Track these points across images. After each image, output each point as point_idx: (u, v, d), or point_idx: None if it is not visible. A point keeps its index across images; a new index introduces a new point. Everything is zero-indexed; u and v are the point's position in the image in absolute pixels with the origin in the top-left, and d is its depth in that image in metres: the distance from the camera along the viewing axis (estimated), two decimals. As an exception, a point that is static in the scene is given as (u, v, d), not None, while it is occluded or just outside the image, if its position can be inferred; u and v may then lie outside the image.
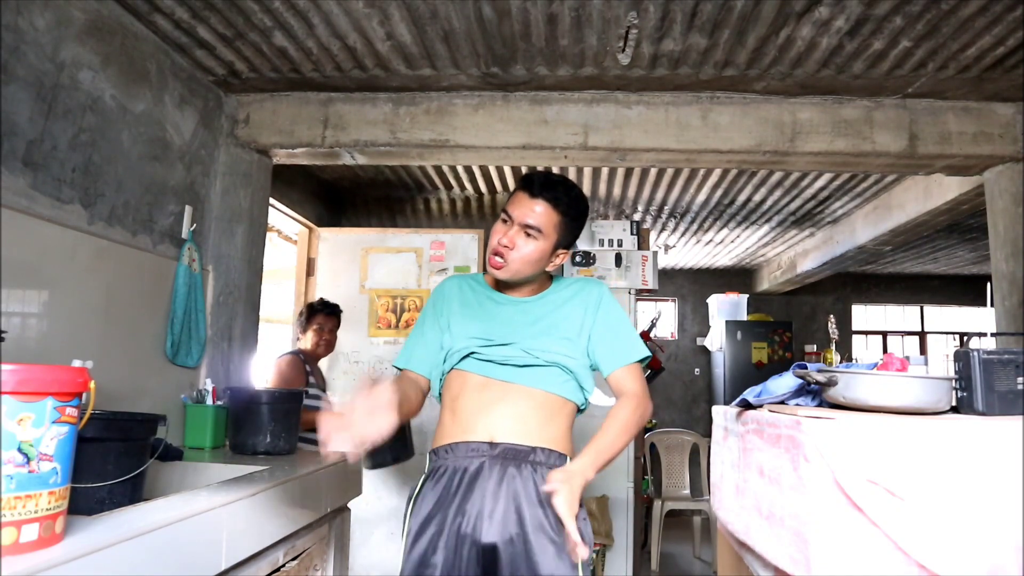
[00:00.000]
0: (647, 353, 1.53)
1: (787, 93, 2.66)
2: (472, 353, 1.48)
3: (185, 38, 2.30)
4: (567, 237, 1.50)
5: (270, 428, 2.11)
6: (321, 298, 3.30)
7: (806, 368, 1.55)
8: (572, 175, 3.98)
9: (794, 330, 6.78)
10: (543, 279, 1.58)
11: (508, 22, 2.17)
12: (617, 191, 4.29)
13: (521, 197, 1.45)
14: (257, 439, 2.09)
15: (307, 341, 3.16)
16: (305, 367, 3.06)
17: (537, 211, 1.44)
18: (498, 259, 1.46)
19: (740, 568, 1.79)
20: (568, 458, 1.45)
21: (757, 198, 4.43)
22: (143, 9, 2.11)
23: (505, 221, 1.47)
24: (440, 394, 1.55)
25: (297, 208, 3.73)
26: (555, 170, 3.88)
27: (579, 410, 1.54)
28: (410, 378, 1.56)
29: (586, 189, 4.24)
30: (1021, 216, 2.65)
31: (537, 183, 1.45)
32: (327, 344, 3.20)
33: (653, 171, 3.88)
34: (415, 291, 3.80)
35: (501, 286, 1.58)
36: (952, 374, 1.46)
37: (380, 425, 1.19)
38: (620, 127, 2.72)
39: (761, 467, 1.53)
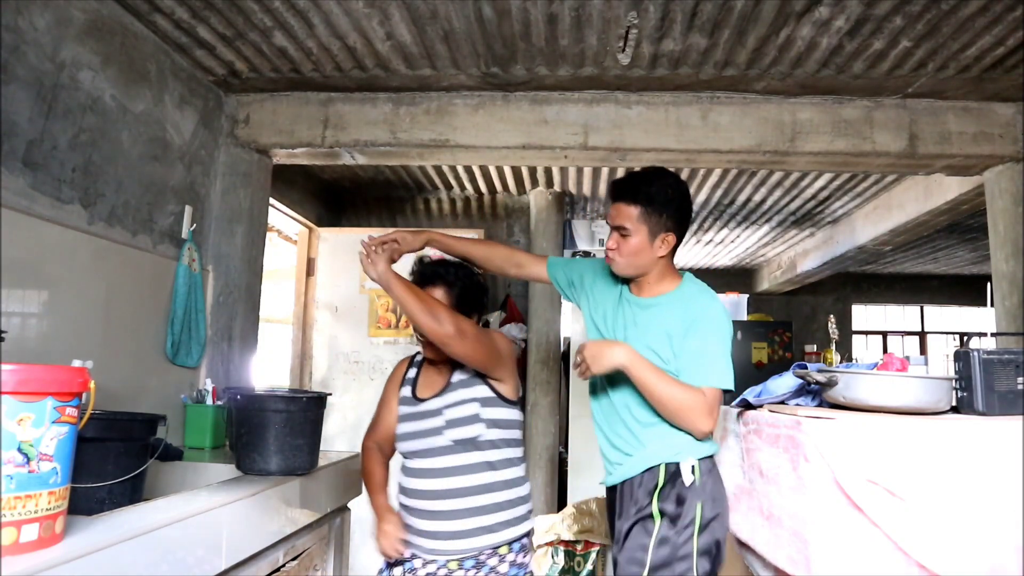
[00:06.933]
0: (721, 384, 1.51)
1: (787, 93, 2.65)
2: None
3: (185, 38, 2.30)
4: (658, 224, 1.59)
5: (289, 442, 1.71)
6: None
7: (806, 368, 1.55)
8: (572, 175, 3.97)
9: (794, 330, 6.75)
10: (669, 277, 1.65)
11: (508, 22, 2.17)
12: (617, 191, 4.27)
13: (611, 204, 1.64)
14: (270, 458, 1.70)
15: None
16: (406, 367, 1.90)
17: (618, 213, 1.60)
18: (609, 262, 1.66)
19: (740, 568, 1.79)
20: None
21: (757, 198, 4.43)
22: (143, 9, 2.11)
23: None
24: None
25: (297, 208, 3.72)
26: (555, 170, 3.88)
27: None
28: None
29: (586, 189, 4.24)
30: (1021, 216, 2.65)
31: (613, 188, 1.62)
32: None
33: (653, 171, 3.87)
34: (415, 291, 3.79)
35: (631, 282, 1.71)
36: (952, 374, 1.46)
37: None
38: (620, 127, 2.72)
39: (761, 467, 1.53)
